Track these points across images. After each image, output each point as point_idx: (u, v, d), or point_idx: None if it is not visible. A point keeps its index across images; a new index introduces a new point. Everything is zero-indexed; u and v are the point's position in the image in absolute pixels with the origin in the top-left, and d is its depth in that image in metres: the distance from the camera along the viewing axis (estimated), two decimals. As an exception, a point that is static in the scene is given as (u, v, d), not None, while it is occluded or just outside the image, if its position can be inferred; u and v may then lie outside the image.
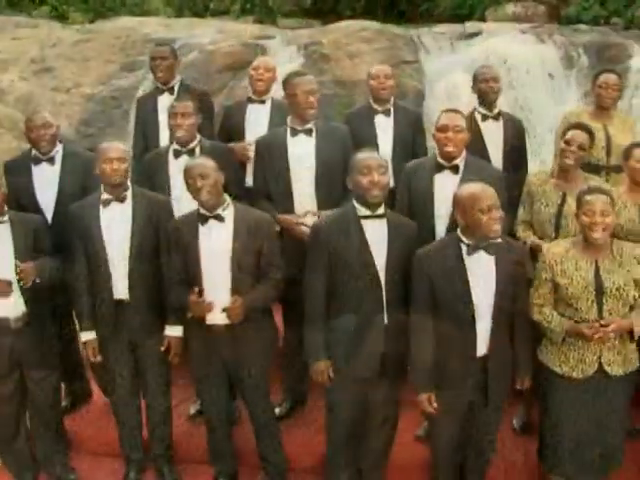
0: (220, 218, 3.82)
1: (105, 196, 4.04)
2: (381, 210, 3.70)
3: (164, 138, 4.90)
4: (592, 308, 3.53)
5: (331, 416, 3.92)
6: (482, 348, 3.59)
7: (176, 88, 5.19)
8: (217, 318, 3.81)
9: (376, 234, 3.67)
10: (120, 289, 4.05)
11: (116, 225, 4.02)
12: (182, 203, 4.21)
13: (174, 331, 4.08)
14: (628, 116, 5.20)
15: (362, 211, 3.67)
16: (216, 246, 3.81)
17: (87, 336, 4.15)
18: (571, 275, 3.56)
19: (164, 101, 4.98)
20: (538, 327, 3.73)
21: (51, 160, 4.45)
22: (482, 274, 3.52)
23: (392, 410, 3.96)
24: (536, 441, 3.99)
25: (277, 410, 4.65)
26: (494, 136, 4.91)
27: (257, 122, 5.00)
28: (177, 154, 4.44)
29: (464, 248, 3.53)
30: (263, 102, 5.09)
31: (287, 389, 4.80)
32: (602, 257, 3.57)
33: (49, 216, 4.42)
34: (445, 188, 3.98)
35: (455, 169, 4.03)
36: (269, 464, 4.26)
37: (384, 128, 5.01)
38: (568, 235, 4.03)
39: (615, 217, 3.60)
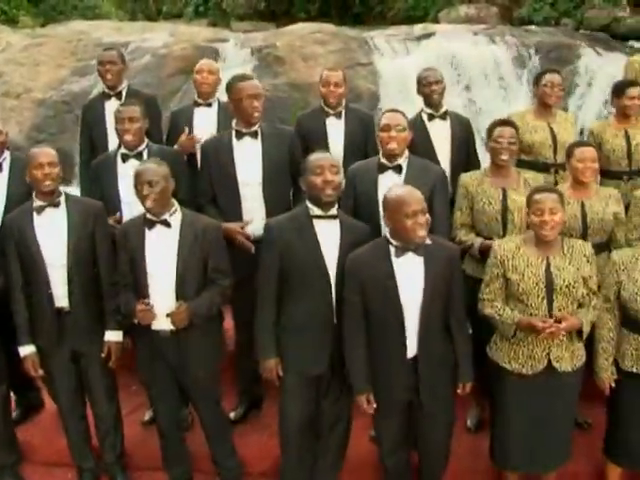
0: (167, 224, 3.79)
1: (38, 203, 3.97)
2: (334, 211, 3.71)
3: (113, 143, 4.84)
4: (542, 304, 3.56)
5: (283, 416, 3.92)
6: (412, 349, 3.61)
7: (124, 93, 5.13)
8: (162, 323, 3.79)
9: (328, 234, 3.68)
10: (60, 297, 3.99)
11: (51, 232, 3.95)
12: (133, 207, 4.16)
13: (114, 336, 4.05)
14: (568, 113, 5.28)
15: (315, 211, 3.68)
16: (162, 251, 3.78)
17: (25, 350, 4.06)
18: (522, 271, 3.59)
19: (112, 106, 4.89)
20: (488, 325, 3.76)
21: None
22: (410, 275, 3.53)
23: (344, 409, 3.97)
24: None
25: (232, 414, 4.64)
26: (441, 136, 4.95)
27: (205, 125, 4.97)
28: (125, 158, 4.38)
29: (392, 250, 3.54)
30: (210, 105, 5.06)
31: (241, 393, 4.77)
32: (553, 254, 3.61)
33: (-4, 224, 4.34)
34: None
35: (398, 169, 4.06)
36: (223, 469, 4.24)
37: (336, 130, 5.01)
38: (515, 230, 4.09)
39: (564, 215, 3.64)
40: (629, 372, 3.74)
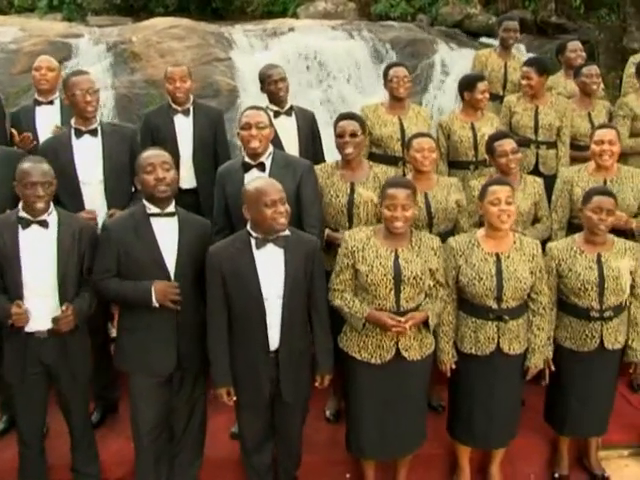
0: (44, 224, 3.66)
1: None
2: (171, 208, 3.68)
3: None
4: (390, 295, 3.64)
5: (135, 420, 3.84)
6: (275, 342, 3.63)
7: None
8: (38, 325, 3.67)
9: (166, 232, 3.64)
10: None
11: None
12: None
13: None
14: (422, 108, 5.41)
15: (152, 209, 3.64)
16: (40, 252, 3.65)
17: None
18: (371, 262, 3.65)
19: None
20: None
21: None
22: (271, 267, 3.56)
23: (198, 406, 3.96)
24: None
25: (90, 419, 4.50)
26: (288, 131, 4.96)
27: (48, 124, 4.79)
28: None
29: (253, 242, 3.56)
30: (52, 103, 4.89)
31: (96, 397, 4.62)
32: (402, 246, 3.69)
33: None
34: None
35: (262, 167, 4.05)
36: (83, 476, 4.11)
37: (184, 128, 4.94)
38: (360, 224, 4.15)
39: (416, 210, 3.74)
40: (468, 354, 3.90)
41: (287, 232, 3.57)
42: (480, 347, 3.86)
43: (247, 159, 4.07)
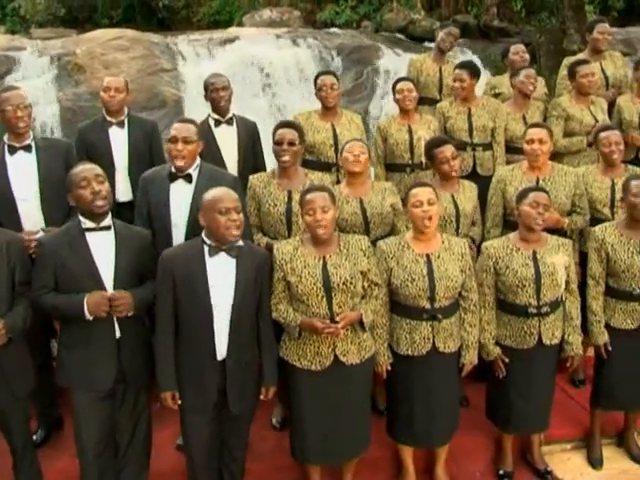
0: None
1: None
2: (107, 221, 3.66)
3: None
4: (322, 303, 3.66)
5: (79, 437, 3.80)
6: (222, 350, 3.64)
7: None
8: None
9: (102, 246, 3.62)
10: None
11: None
12: None
13: None
14: (354, 114, 5.45)
15: (87, 224, 3.62)
16: None
17: None
18: (300, 273, 3.67)
19: None
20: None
21: None
22: (222, 276, 3.58)
23: (141, 418, 3.92)
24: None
25: (34, 437, 4.43)
26: (228, 140, 5.00)
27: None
28: None
29: (206, 249, 3.57)
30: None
31: (39, 415, 4.59)
32: (329, 252, 3.72)
33: None
34: (180, 197, 4.03)
35: (189, 178, 4.06)
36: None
37: (119, 140, 4.92)
38: (299, 231, 4.18)
39: (336, 212, 3.75)
40: (404, 355, 3.95)
41: (240, 242, 3.60)
42: (416, 348, 3.91)
43: (174, 169, 4.08)
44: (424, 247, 3.90)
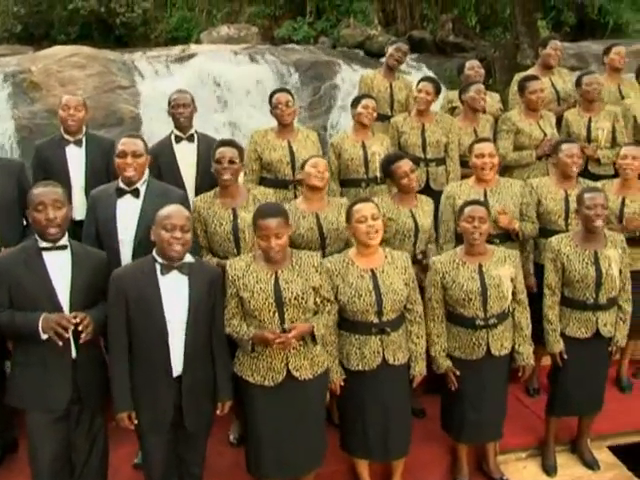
0: None
1: None
2: (64, 241, 3.65)
3: None
4: (274, 318, 3.68)
5: (34, 459, 3.76)
6: (178, 368, 3.65)
7: None
8: None
9: (58, 265, 3.61)
10: None
11: None
12: None
13: None
14: (310, 131, 5.48)
15: (43, 243, 3.61)
16: None
17: None
18: (252, 288, 3.69)
19: None
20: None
21: None
22: (176, 293, 3.59)
23: (97, 439, 3.90)
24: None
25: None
26: (187, 157, 5.02)
27: None
28: None
29: (158, 268, 3.59)
30: None
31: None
32: (281, 268, 3.74)
33: None
34: (128, 212, 4.05)
35: (136, 193, 4.07)
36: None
37: (76, 159, 4.93)
38: (248, 248, 4.22)
39: (290, 230, 3.78)
40: (355, 371, 3.99)
41: (191, 259, 3.63)
42: (367, 362, 3.95)
43: (122, 184, 4.10)
44: (368, 262, 3.95)
